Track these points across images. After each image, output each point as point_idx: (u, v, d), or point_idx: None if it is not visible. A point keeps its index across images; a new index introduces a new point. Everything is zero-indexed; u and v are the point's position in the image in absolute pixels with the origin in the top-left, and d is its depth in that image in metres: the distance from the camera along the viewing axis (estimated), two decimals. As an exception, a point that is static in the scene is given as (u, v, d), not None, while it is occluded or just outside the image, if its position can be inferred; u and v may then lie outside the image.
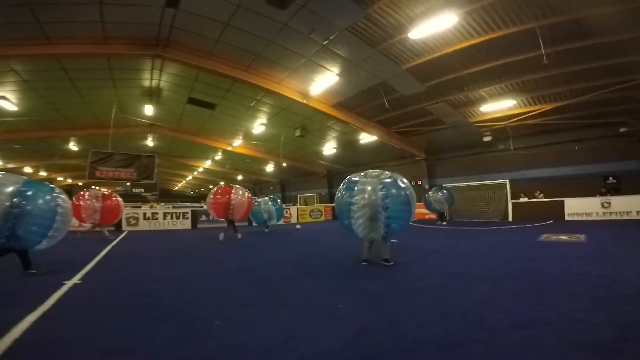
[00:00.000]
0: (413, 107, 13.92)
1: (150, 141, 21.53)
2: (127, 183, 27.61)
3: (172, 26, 9.52)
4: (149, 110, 15.28)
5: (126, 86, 13.52)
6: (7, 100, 13.08)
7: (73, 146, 20.86)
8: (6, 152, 22.38)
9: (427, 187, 18.68)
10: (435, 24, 8.12)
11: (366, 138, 18.25)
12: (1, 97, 12.65)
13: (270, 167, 29.06)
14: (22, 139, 17.90)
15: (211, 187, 13.47)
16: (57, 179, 35.01)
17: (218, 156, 25.69)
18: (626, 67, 9.83)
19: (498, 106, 13.17)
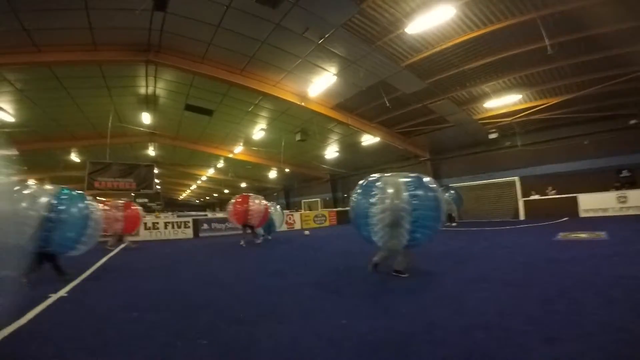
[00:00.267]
0: (415, 106, 13.51)
1: (151, 150, 21.39)
2: (132, 194, 27.50)
3: (162, 30, 9.30)
4: (147, 118, 15.07)
5: (122, 94, 13.30)
6: (4, 111, 12.92)
7: (75, 157, 20.74)
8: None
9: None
10: (432, 18, 7.75)
11: (368, 140, 17.83)
12: (-1, 108, 12.53)
13: (273, 174, 28.75)
14: (23, 151, 17.74)
15: (215, 195, 13.20)
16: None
17: (220, 164, 25.42)
18: (632, 58, 9.37)
19: (502, 102, 12.71)
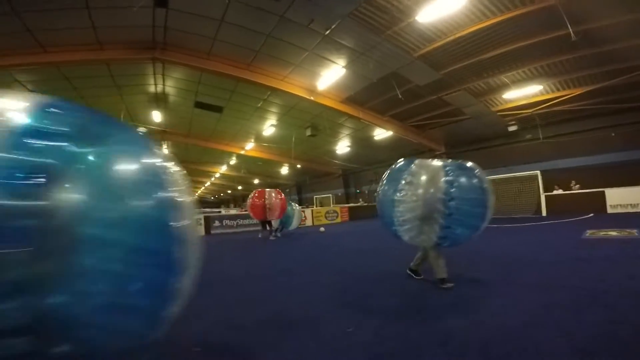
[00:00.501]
0: (429, 98, 12.95)
1: (165, 149, 21.57)
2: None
3: (166, 27, 9.19)
4: (158, 116, 15.16)
5: (131, 93, 13.35)
6: (18, 113, 13.19)
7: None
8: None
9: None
10: (445, 5, 7.28)
11: (381, 134, 17.37)
12: (12, 111, 12.78)
13: (285, 170, 28.65)
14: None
15: (229, 192, 13.26)
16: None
17: (232, 161, 25.46)
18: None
19: (522, 93, 12.01)
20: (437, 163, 3.86)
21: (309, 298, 3.65)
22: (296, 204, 13.10)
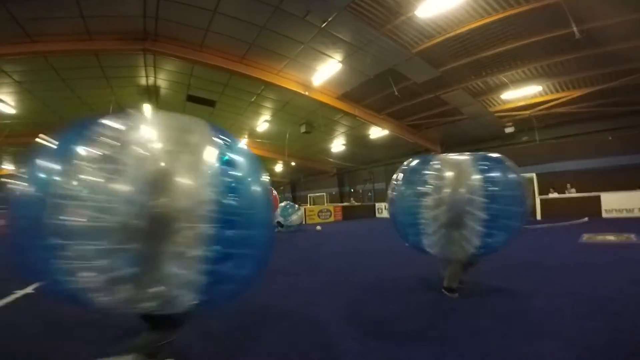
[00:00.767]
0: (426, 97, 12.74)
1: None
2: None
3: (158, 18, 8.88)
4: (149, 109, 14.73)
5: (122, 85, 12.97)
6: (4, 102, 12.80)
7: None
8: (13, 157, 22.43)
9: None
10: (444, 0, 7.07)
11: (376, 133, 17.16)
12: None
13: (279, 167, 28.33)
14: (24, 144, 17.60)
15: None
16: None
17: (225, 157, 25.04)
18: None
19: (521, 93, 11.85)
20: (464, 156, 3.30)
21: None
22: (297, 205, 12.95)
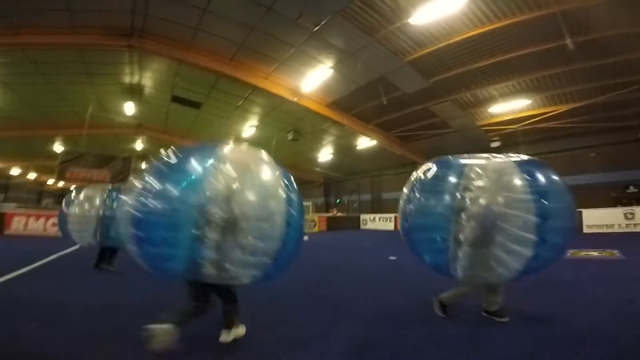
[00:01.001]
0: (415, 108, 12.74)
1: (139, 144, 20.57)
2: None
3: (146, 14, 8.63)
4: (132, 109, 14.32)
5: (104, 82, 12.53)
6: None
7: (60, 147, 19.86)
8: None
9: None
10: (439, 8, 7.05)
11: (364, 143, 17.09)
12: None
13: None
14: (3, 138, 17.05)
15: None
16: (47, 182, 33.86)
17: (210, 162, 24.51)
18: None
19: (509, 107, 11.99)
20: (502, 159, 2.75)
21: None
22: None
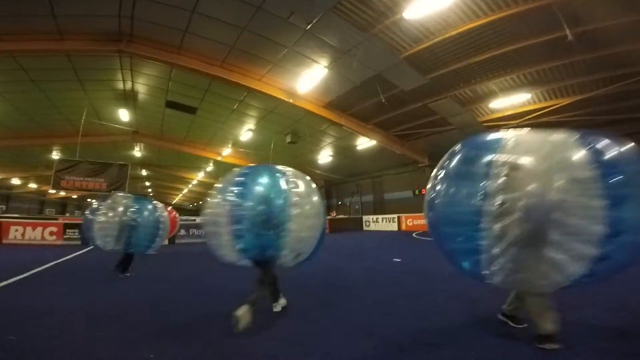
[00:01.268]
0: (414, 106, 12.46)
1: (137, 151, 20.44)
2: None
3: (133, 17, 8.45)
4: (127, 115, 14.17)
5: (97, 89, 12.36)
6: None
7: (56, 156, 19.73)
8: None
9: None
10: (433, 1, 6.82)
11: (364, 143, 16.81)
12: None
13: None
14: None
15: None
16: (49, 192, 33.77)
17: (209, 167, 24.29)
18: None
19: (510, 102, 11.65)
20: (558, 135, 2.22)
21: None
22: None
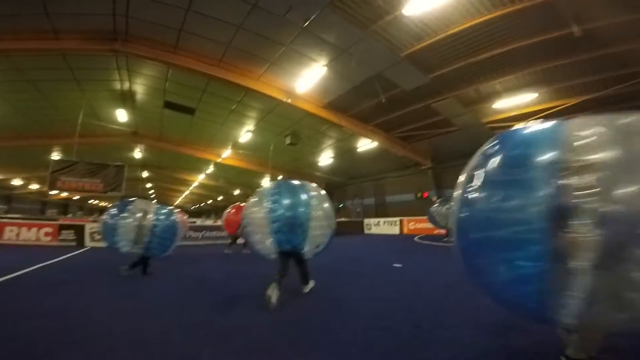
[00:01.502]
0: (416, 106, 12.15)
1: (138, 152, 20.34)
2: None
3: (128, 16, 8.29)
4: (125, 116, 14.03)
5: (94, 89, 12.22)
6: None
7: (57, 157, 19.63)
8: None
9: (435, 200, 16.69)
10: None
11: (365, 145, 16.54)
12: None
13: (266, 181, 27.47)
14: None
15: (210, 202, 12.03)
16: (50, 193, 33.76)
17: (209, 169, 24.13)
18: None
19: (514, 102, 11.25)
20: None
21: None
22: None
